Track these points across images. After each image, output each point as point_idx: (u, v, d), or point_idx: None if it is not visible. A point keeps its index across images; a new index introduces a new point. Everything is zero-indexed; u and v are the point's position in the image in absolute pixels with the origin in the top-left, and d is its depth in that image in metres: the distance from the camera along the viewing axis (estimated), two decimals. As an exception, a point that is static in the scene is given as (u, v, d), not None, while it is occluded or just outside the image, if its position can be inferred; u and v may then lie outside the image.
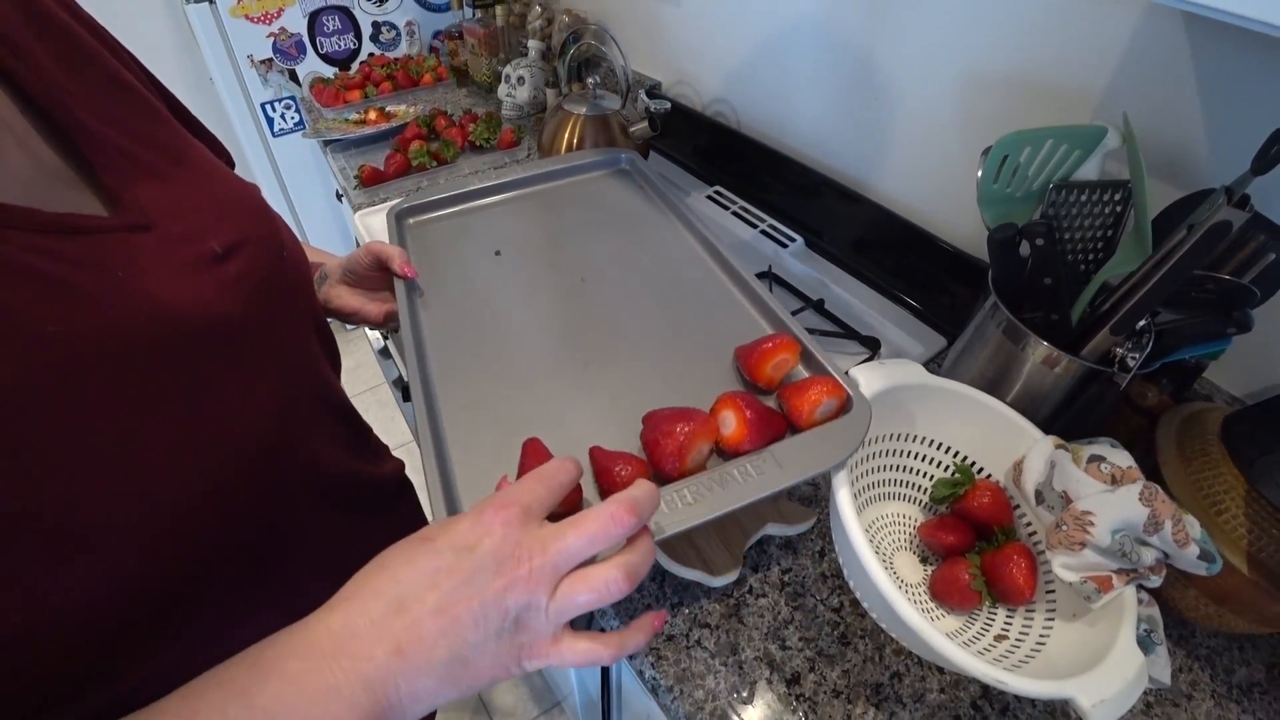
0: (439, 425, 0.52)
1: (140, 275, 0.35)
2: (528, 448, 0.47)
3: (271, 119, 1.62)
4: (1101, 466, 0.52)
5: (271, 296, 0.44)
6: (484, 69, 1.47)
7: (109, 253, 0.34)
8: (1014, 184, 0.59)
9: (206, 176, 0.44)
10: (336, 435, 0.53)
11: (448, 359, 0.58)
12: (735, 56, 1.12)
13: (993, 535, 0.56)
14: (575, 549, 0.34)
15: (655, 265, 0.69)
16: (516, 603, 0.32)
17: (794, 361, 0.55)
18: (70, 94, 0.37)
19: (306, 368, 0.50)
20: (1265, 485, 0.51)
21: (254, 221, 0.45)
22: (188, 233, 0.39)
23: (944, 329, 0.88)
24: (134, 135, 0.40)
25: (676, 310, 0.63)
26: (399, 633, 0.31)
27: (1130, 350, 0.56)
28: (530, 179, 0.82)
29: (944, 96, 0.82)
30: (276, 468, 0.43)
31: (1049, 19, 0.67)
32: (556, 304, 0.64)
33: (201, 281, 0.38)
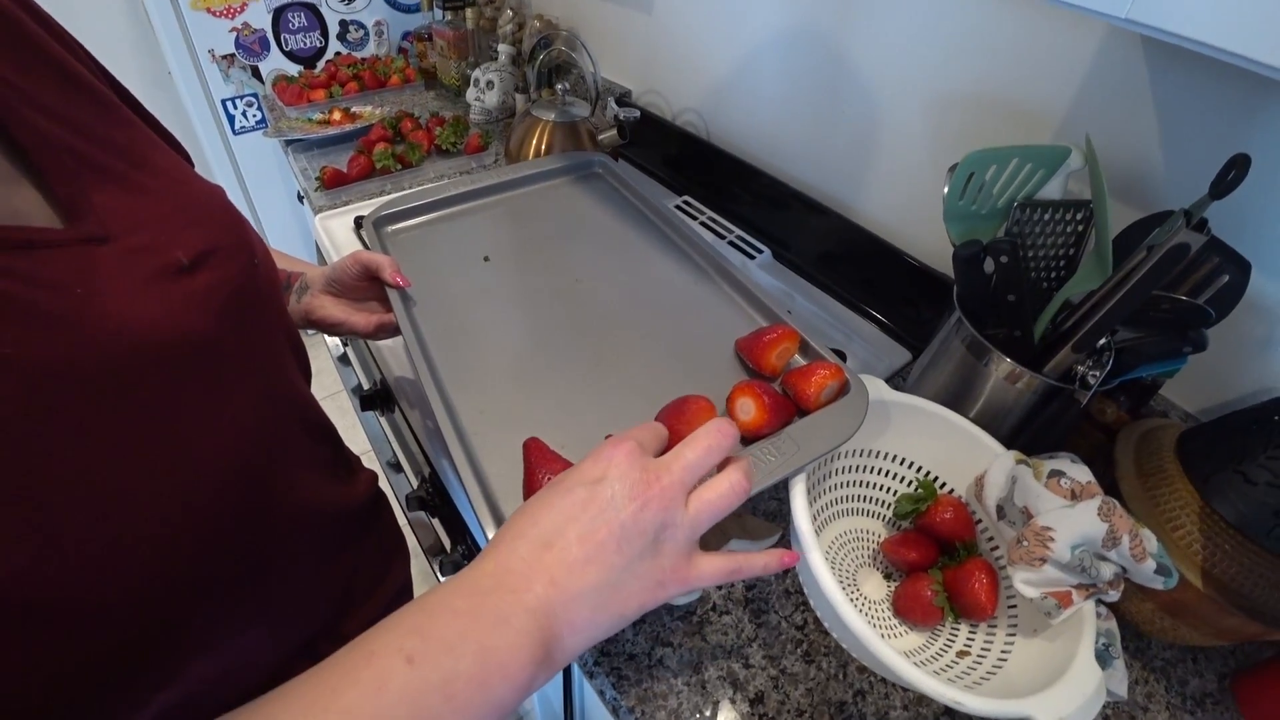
0: (464, 432, 0.53)
1: (100, 292, 0.32)
2: (529, 448, 0.48)
3: (232, 116, 1.56)
4: (1062, 481, 0.52)
5: (244, 309, 0.41)
6: (453, 72, 1.45)
7: (65, 268, 0.31)
8: (979, 201, 0.60)
9: (169, 180, 0.40)
10: (314, 454, 0.51)
11: (455, 366, 0.58)
12: (706, 67, 1.12)
13: (955, 551, 0.56)
14: (696, 462, 0.36)
15: (642, 264, 0.71)
16: (653, 520, 0.34)
17: (795, 349, 0.58)
18: (17, 91, 0.33)
19: (282, 383, 0.47)
20: (1218, 501, 0.52)
21: (222, 228, 0.42)
22: (151, 243, 0.36)
23: (909, 343, 0.89)
24: (89, 136, 0.36)
25: (671, 306, 0.65)
26: (550, 565, 0.33)
27: (1091, 368, 0.56)
28: (505, 184, 0.82)
29: (912, 113, 0.83)
30: (256, 490, 0.41)
31: (1015, 39, 0.69)
32: (556, 306, 0.65)
33: (168, 296, 0.35)
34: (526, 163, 0.87)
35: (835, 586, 0.44)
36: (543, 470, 0.45)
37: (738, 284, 0.67)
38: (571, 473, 0.37)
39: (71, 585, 0.29)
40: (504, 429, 0.53)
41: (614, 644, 0.56)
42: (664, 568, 0.35)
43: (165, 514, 0.33)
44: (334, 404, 1.99)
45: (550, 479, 0.43)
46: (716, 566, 0.37)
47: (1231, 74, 0.55)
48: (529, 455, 0.47)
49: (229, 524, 0.38)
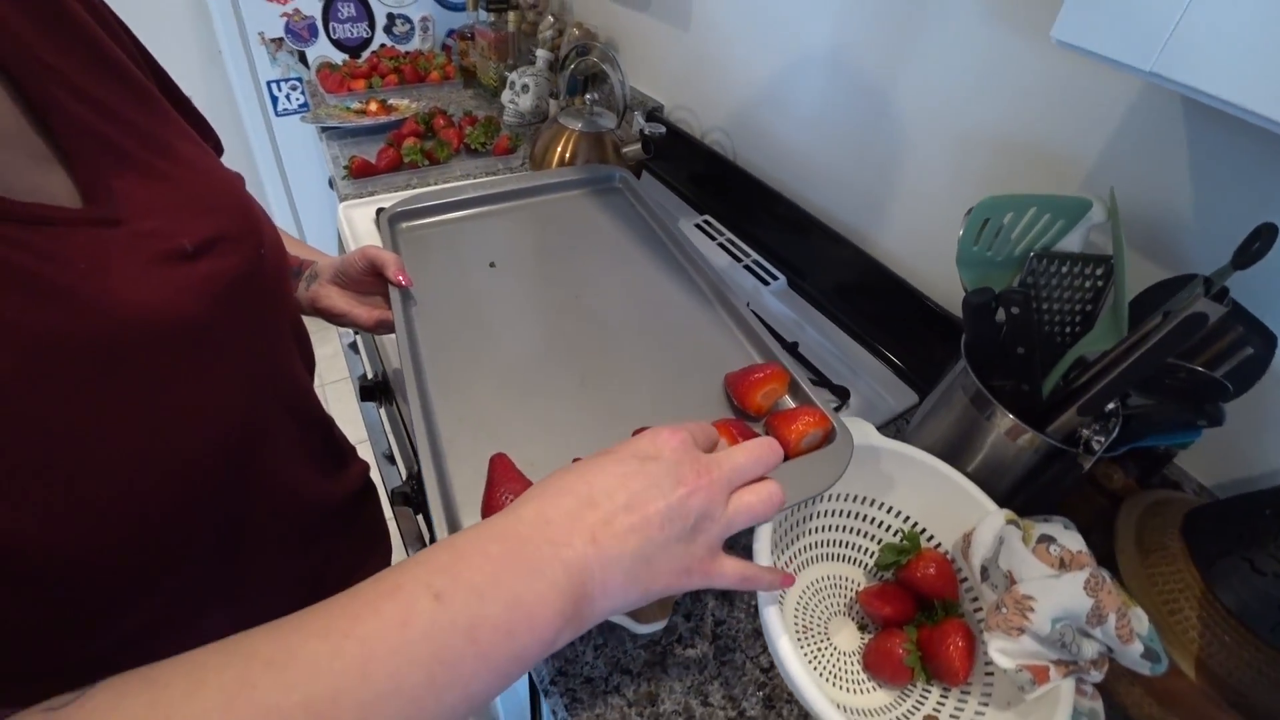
0: (437, 434, 0.52)
1: (103, 271, 0.34)
2: (495, 463, 0.48)
3: (276, 98, 1.60)
4: (1050, 548, 0.49)
5: (244, 298, 0.42)
6: (491, 73, 1.46)
7: (75, 246, 0.33)
8: (995, 248, 0.57)
9: (189, 168, 0.42)
10: (303, 445, 0.52)
11: (443, 369, 0.58)
12: (738, 88, 1.11)
13: (934, 609, 0.53)
14: (745, 467, 0.38)
15: (647, 285, 0.70)
16: (698, 508, 0.35)
17: (782, 391, 0.57)
18: (55, 74, 0.35)
19: (277, 373, 0.48)
20: (1222, 589, 0.49)
21: (232, 217, 0.43)
22: (159, 229, 0.38)
23: (919, 386, 0.86)
24: (117, 122, 0.38)
25: (668, 332, 0.64)
26: (593, 525, 0.32)
27: (1096, 433, 0.53)
28: (523, 191, 0.82)
29: (937, 150, 0.81)
30: (236, 471, 0.42)
31: (1047, 84, 0.66)
32: (552, 319, 0.65)
33: (167, 280, 0.37)
34: (547, 171, 0.87)
35: (787, 640, 0.43)
36: (504, 489, 0.45)
37: (739, 316, 0.65)
38: (624, 445, 0.37)
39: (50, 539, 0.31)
40: (478, 438, 0.52)
41: (572, 664, 0.55)
42: (694, 556, 0.35)
43: (143, 483, 0.35)
44: (340, 389, 2.01)
45: (510, 499, 0.42)
46: (735, 569, 0.38)
47: (1271, 138, 0.52)
48: (493, 471, 0.47)
49: (204, 500, 0.40)
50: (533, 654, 0.30)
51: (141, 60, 0.45)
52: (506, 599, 0.29)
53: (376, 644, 0.27)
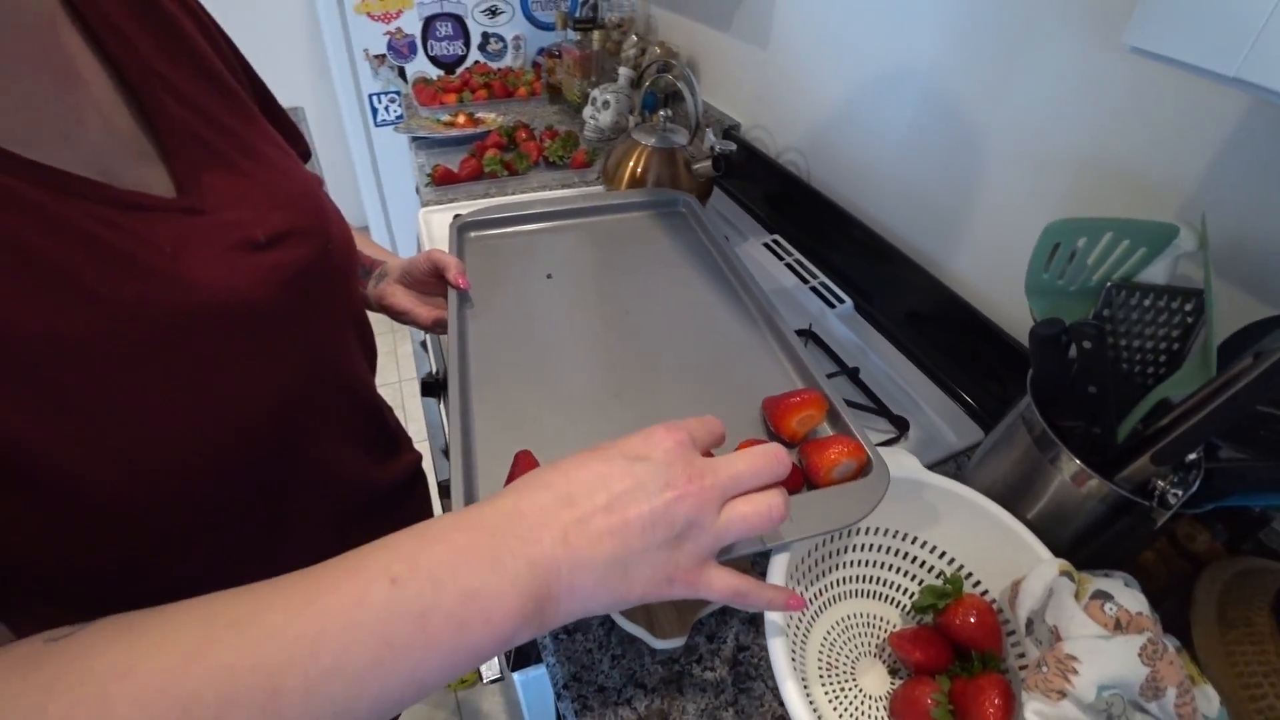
0: (471, 430, 0.54)
1: (185, 254, 0.38)
2: (519, 459, 0.48)
3: (376, 109, 1.71)
4: (1105, 606, 0.45)
5: (307, 288, 0.46)
6: (575, 89, 1.50)
7: (163, 230, 0.37)
8: (1068, 276, 0.53)
9: (270, 168, 0.47)
10: (354, 429, 0.55)
11: (487, 369, 0.60)
12: (815, 108, 1.09)
13: (972, 660, 0.49)
14: (744, 476, 0.35)
15: (698, 308, 0.70)
16: (685, 515, 0.33)
17: (819, 418, 0.54)
18: (163, 81, 0.41)
19: (334, 359, 0.51)
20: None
21: (304, 214, 0.48)
22: (238, 220, 0.42)
23: (987, 425, 0.81)
24: (212, 124, 0.44)
25: (712, 354, 0.64)
26: (568, 524, 0.32)
27: (1173, 485, 0.48)
28: (591, 209, 0.85)
29: (1018, 172, 0.76)
30: (287, 448, 0.45)
31: (1141, 102, 0.61)
32: (599, 332, 0.66)
33: (238, 266, 0.41)
34: (615, 193, 0.89)
35: (789, 672, 0.40)
36: None
37: (786, 343, 0.63)
38: (614, 443, 0.36)
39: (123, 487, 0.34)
40: (508, 437, 0.53)
41: (588, 671, 0.54)
42: (678, 565, 0.34)
43: (203, 445, 0.38)
44: (414, 386, 2.10)
45: None
46: (726, 582, 0.35)
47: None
48: (515, 466, 0.47)
49: (253, 467, 0.42)
50: (487, 649, 0.30)
51: (240, 71, 0.51)
52: (462, 590, 0.29)
53: (329, 620, 0.27)
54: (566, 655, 0.55)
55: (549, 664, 0.56)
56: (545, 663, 0.58)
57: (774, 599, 0.38)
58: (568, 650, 0.56)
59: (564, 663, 0.55)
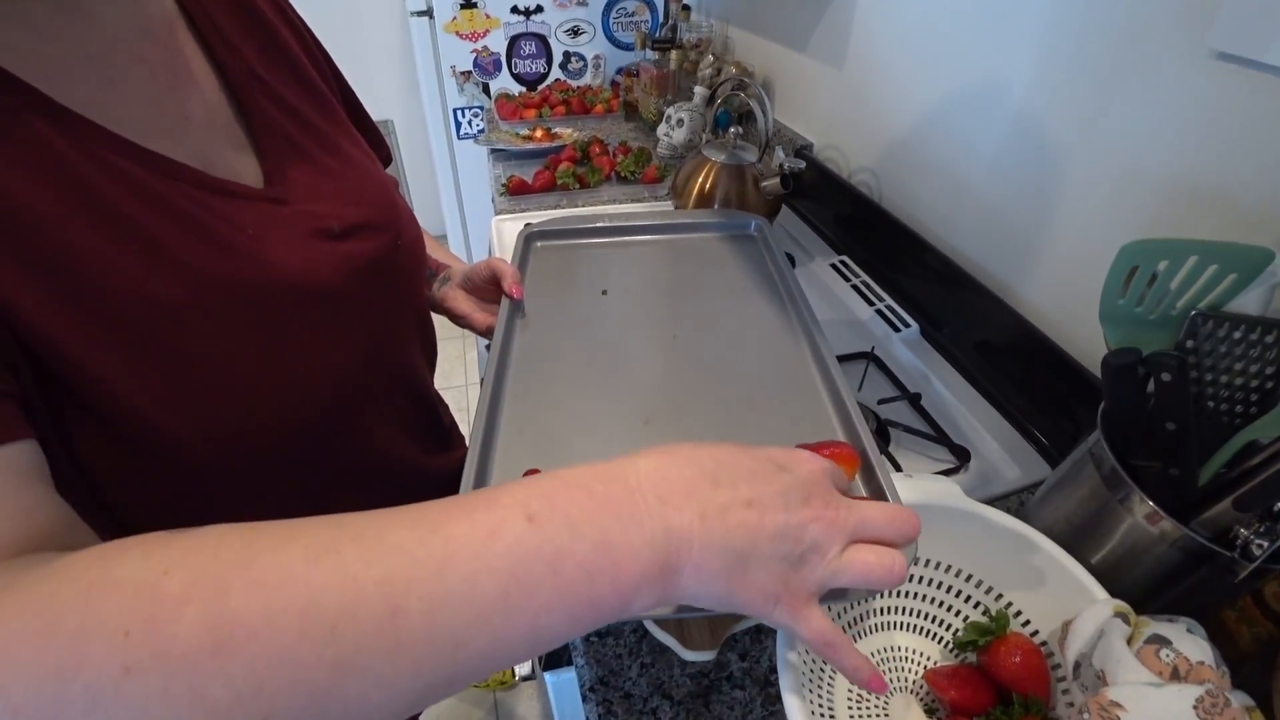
0: (493, 441, 0.53)
1: (266, 238, 0.42)
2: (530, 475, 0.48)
3: (460, 123, 1.80)
4: (1161, 653, 0.41)
5: (375, 279, 0.49)
6: (651, 107, 1.53)
7: (249, 215, 0.42)
8: (1147, 302, 0.50)
9: (351, 166, 0.51)
10: (408, 418, 0.58)
11: (522, 382, 0.59)
12: (891, 129, 1.07)
13: (1013, 704, 0.46)
14: (878, 523, 0.34)
15: (750, 338, 0.67)
16: (813, 539, 0.32)
17: (851, 475, 0.49)
18: (260, 83, 0.46)
19: (394, 350, 0.55)
20: None
21: (378, 210, 0.51)
22: (317, 211, 0.46)
23: (1055, 459, 0.76)
24: (301, 123, 0.48)
25: (753, 389, 0.60)
26: (708, 503, 0.30)
27: (1258, 535, 0.44)
28: (661, 226, 0.83)
29: (1099, 192, 0.72)
30: (342, 425, 0.48)
31: (1244, 124, 0.57)
32: (641, 354, 0.64)
33: (313, 253, 0.44)
34: (688, 211, 0.87)
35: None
36: None
37: (834, 387, 0.58)
38: (758, 447, 0.35)
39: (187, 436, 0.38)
40: (528, 450, 0.53)
41: (615, 676, 0.54)
42: (789, 586, 0.32)
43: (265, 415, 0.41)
44: (476, 392, 2.16)
45: None
46: (822, 625, 0.33)
47: None
48: None
49: (309, 445, 0.45)
50: (609, 605, 0.29)
51: (332, 79, 0.56)
52: (597, 540, 0.28)
53: (460, 547, 0.27)
54: (596, 658, 0.55)
55: (578, 665, 0.56)
56: (575, 664, 0.58)
57: (859, 668, 0.35)
58: (598, 653, 0.56)
59: (593, 665, 0.55)
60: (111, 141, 0.36)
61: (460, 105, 1.75)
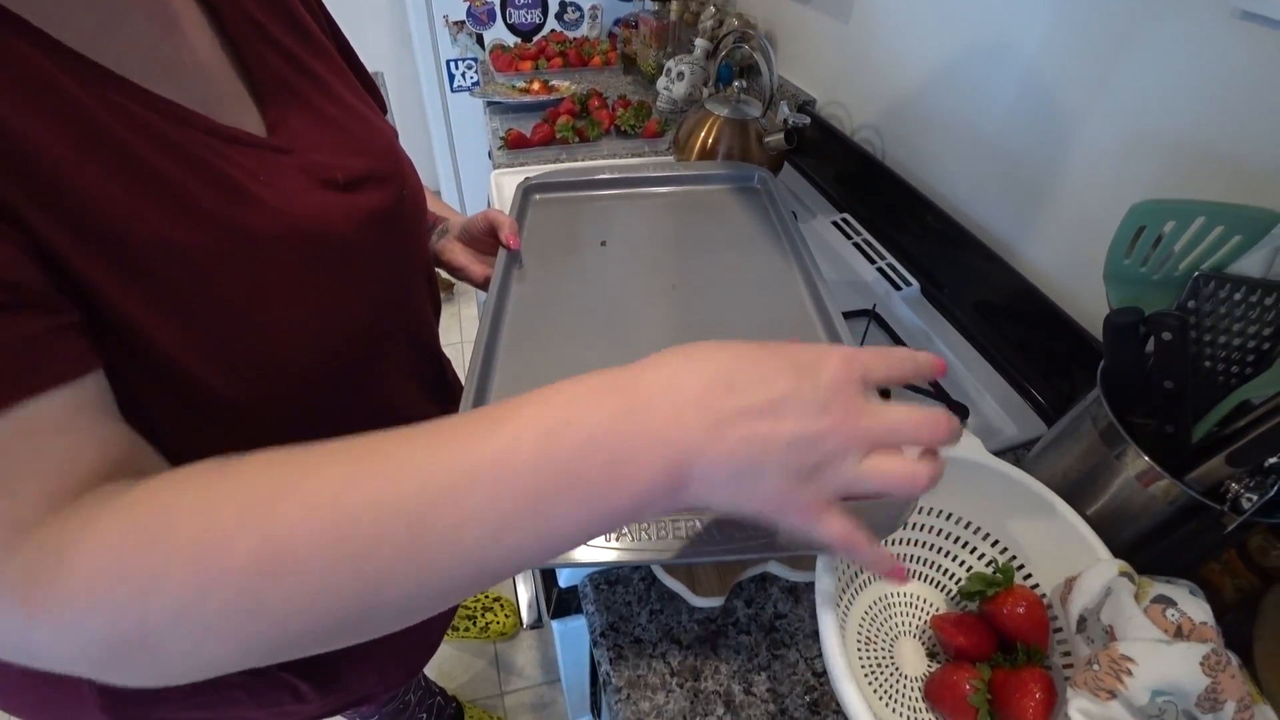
0: (487, 393, 0.54)
1: (276, 186, 0.42)
2: None
3: (453, 75, 1.75)
4: (1167, 612, 0.43)
5: (381, 228, 0.49)
6: (650, 60, 1.50)
7: (258, 163, 0.42)
8: (1151, 263, 0.51)
9: (353, 116, 0.51)
10: (417, 369, 0.58)
11: (520, 331, 0.59)
12: (895, 86, 1.06)
13: (1016, 652, 0.48)
14: (903, 429, 0.32)
15: (751, 289, 0.67)
16: (830, 450, 0.31)
17: None
18: (259, 29, 0.45)
19: (404, 300, 0.55)
20: (1392, 700, 0.40)
21: (382, 160, 0.51)
22: (321, 161, 0.46)
23: (1051, 418, 0.78)
24: (302, 71, 0.48)
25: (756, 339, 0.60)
26: (721, 413, 0.30)
27: (1248, 489, 0.46)
28: (662, 179, 0.82)
29: (1106, 152, 0.72)
30: (354, 370, 0.48)
31: (1257, 86, 0.57)
32: (640, 305, 0.64)
33: (321, 201, 0.44)
34: (690, 163, 0.85)
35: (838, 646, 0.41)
36: None
37: (837, 337, 0.59)
38: (786, 344, 0.33)
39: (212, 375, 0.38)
40: None
41: (625, 622, 0.56)
42: (799, 497, 0.31)
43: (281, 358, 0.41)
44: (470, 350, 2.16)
45: None
46: (841, 526, 0.32)
47: None
48: None
49: (323, 386, 0.46)
50: (621, 513, 0.30)
51: (328, 27, 0.55)
52: (612, 453, 0.29)
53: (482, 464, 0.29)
54: (606, 605, 0.57)
55: (588, 612, 0.58)
56: (585, 611, 0.60)
57: (881, 561, 0.35)
58: (608, 600, 0.58)
59: (603, 612, 0.57)
60: (120, 85, 0.35)
61: (453, 57, 1.70)
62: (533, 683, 1.43)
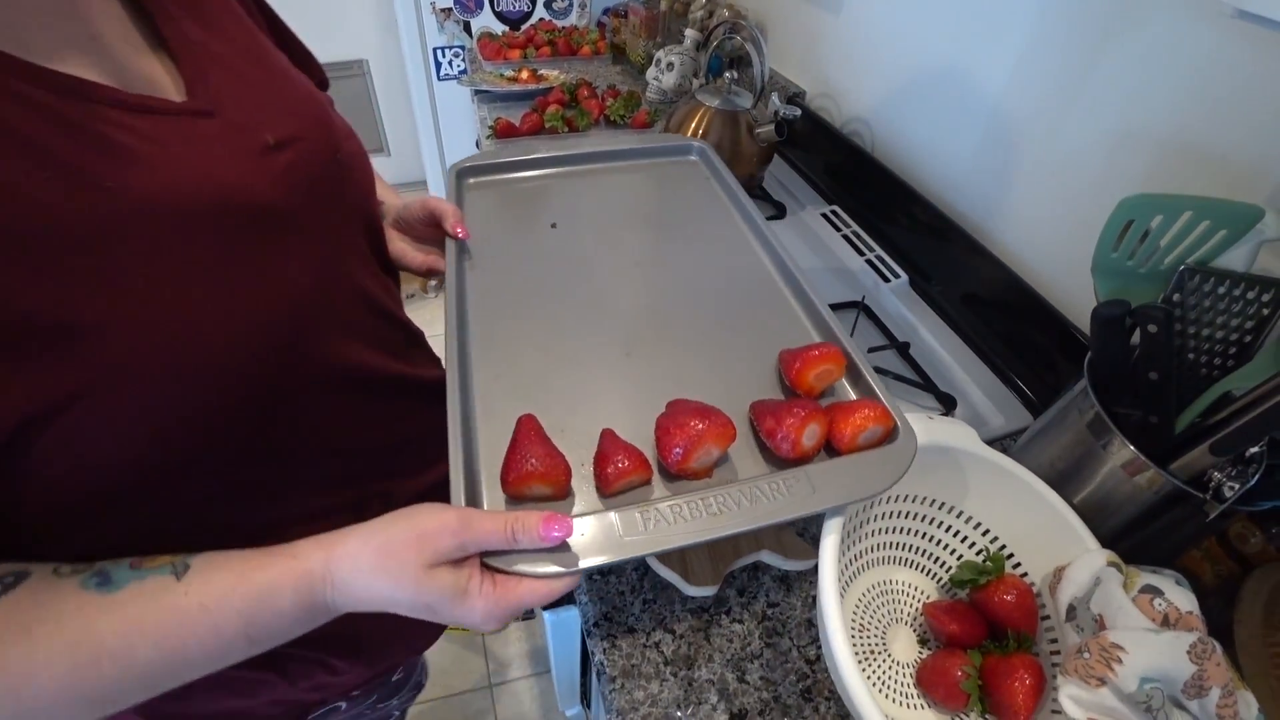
0: (470, 391, 0.52)
1: (195, 152, 0.39)
2: (521, 425, 0.46)
3: (440, 63, 1.73)
4: (1155, 602, 0.44)
5: (317, 193, 0.47)
6: (640, 50, 1.49)
7: (172, 131, 0.39)
8: (1138, 256, 0.51)
9: (275, 75, 0.48)
10: (375, 332, 0.55)
11: (487, 326, 0.57)
12: (887, 78, 1.06)
13: (1006, 639, 0.49)
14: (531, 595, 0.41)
15: (711, 259, 0.66)
16: None
17: (838, 373, 0.52)
18: None
19: (348, 264, 0.51)
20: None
21: (313, 123, 0.48)
22: (247, 123, 0.43)
23: (1037, 410, 0.79)
24: (218, 32, 0.45)
25: (725, 307, 0.61)
26: None
27: (1230, 478, 0.47)
28: (599, 154, 0.79)
29: (1092, 147, 0.73)
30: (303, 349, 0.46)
31: (1242, 85, 0.58)
32: (606, 284, 0.62)
33: (250, 166, 0.42)
34: (626, 137, 0.82)
35: (839, 626, 0.41)
36: (526, 452, 0.44)
37: (806, 298, 0.60)
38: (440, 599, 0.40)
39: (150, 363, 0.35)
40: (513, 398, 0.51)
41: (619, 612, 0.56)
42: None
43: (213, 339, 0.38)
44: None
45: (534, 463, 0.43)
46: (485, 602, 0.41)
47: None
48: (518, 432, 0.46)
49: (272, 367, 0.43)
50: None
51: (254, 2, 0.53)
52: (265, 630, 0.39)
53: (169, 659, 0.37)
54: (599, 595, 0.58)
55: (581, 603, 0.59)
56: (578, 602, 0.60)
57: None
58: (600, 591, 0.58)
59: (596, 602, 0.57)
60: (14, 67, 0.34)
61: (440, 44, 1.68)
62: (522, 674, 1.44)
